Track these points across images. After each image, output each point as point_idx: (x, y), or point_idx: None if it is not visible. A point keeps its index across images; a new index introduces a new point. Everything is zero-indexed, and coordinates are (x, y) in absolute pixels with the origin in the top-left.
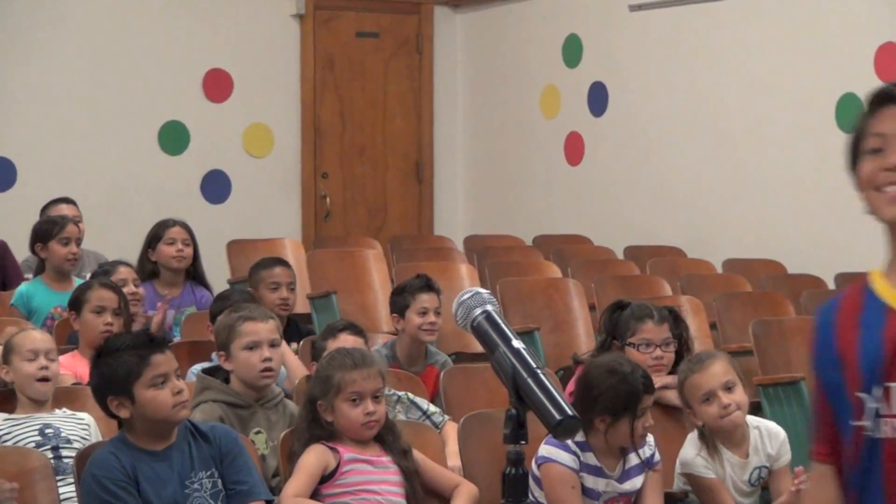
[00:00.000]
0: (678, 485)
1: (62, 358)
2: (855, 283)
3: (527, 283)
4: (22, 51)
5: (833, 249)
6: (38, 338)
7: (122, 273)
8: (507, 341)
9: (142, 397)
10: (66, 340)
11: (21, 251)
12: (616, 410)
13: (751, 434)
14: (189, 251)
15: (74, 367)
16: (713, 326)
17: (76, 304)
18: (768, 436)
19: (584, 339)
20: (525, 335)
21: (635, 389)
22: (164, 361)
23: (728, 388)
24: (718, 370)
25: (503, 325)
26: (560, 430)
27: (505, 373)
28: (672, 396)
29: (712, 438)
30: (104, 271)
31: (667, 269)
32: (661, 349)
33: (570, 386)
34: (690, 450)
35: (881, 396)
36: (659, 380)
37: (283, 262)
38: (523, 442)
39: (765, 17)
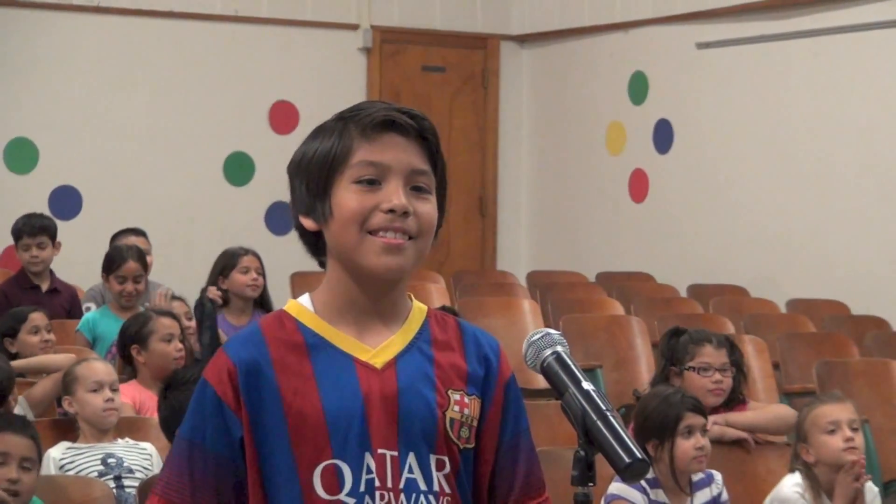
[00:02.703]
0: None
1: (121, 387)
2: (270, 317)
3: (589, 320)
4: (88, 82)
5: None
6: (102, 369)
7: (174, 308)
8: (577, 383)
9: None
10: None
11: (83, 280)
12: (661, 433)
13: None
14: (262, 280)
15: (134, 397)
16: (776, 367)
17: (139, 336)
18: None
19: (647, 376)
20: (587, 372)
21: (675, 408)
22: None
23: (853, 427)
24: (849, 407)
25: (573, 367)
26: (629, 473)
27: (574, 414)
28: (735, 431)
29: (817, 481)
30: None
31: (730, 308)
32: (719, 373)
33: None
34: (791, 487)
35: (373, 466)
36: (721, 417)
37: None
38: (591, 484)
39: (832, 56)
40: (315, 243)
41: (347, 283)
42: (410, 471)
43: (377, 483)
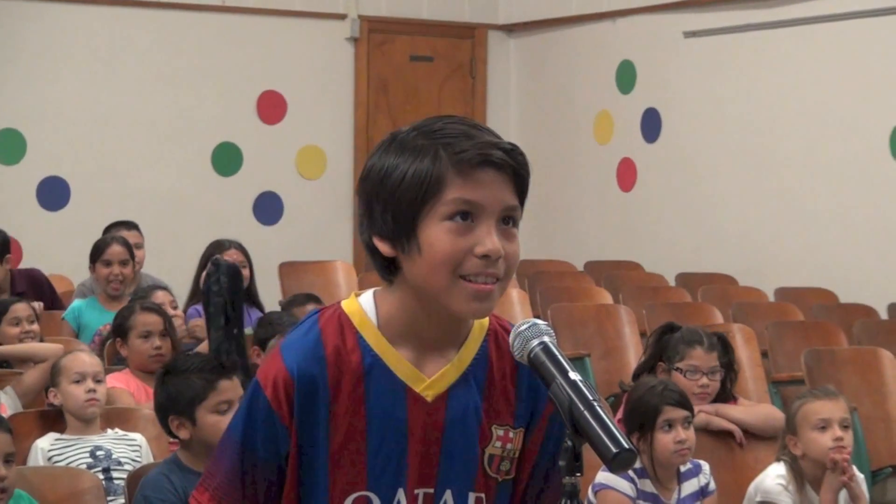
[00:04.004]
0: None
1: (115, 375)
2: (332, 319)
3: (578, 309)
4: (75, 72)
5: (885, 279)
6: (86, 360)
7: (160, 297)
8: (564, 373)
9: (204, 421)
10: (116, 360)
11: (71, 271)
12: (641, 425)
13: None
14: (245, 273)
15: (128, 385)
16: (764, 355)
17: (121, 330)
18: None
19: (635, 365)
20: (575, 361)
21: (655, 400)
22: (230, 388)
23: (844, 426)
24: (841, 405)
25: (560, 357)
26: (616, 463)
27: (561, 405)
28: (723, 421)
29: (802, 474)
30: (140, 297)
31: (718, 296)
32: (707, 377)
33: (620, 413)
34: (774, 479)
35: (404, 502)
36: (712, 407)
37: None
38: (579, 474)
39: (819, 45)
40: (387, 264)
41: (419, 311)
42: None
43: None
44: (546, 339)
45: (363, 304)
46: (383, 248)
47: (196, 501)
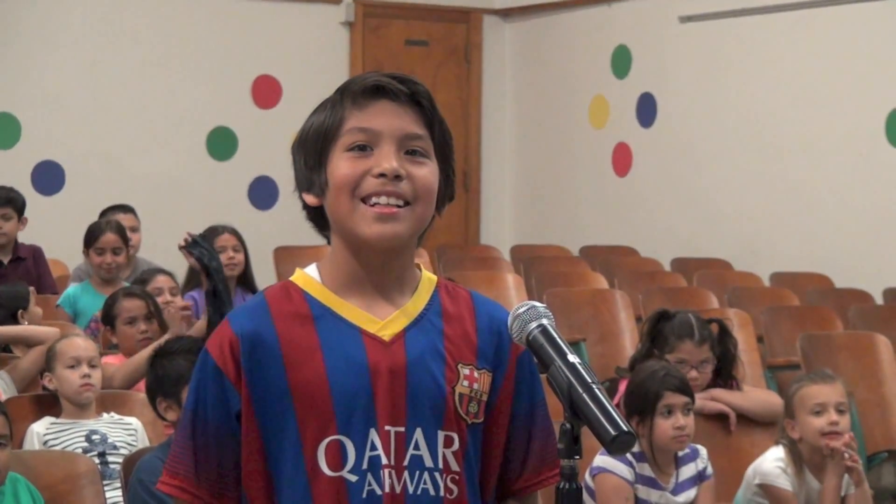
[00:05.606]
0: (744, 496)
1: (110, 357)
2: (276, 288)
3: (573, 294)
4: (71, 56)
5: (881, 264)
6: (80, 345)
7: (160, 282)
8: (563, 356)
9: None
10: (111, 347)
11: (66, 255)
12: (642, 410)
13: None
14: (240, 257)
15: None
16: (760, 340)
17: (108, 319)
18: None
19: (630, 350)
20: (571, 346)
21: (656, 386)
22: None
23: (840, 410)
24: (838, 389)
25: (559, 340)
26: (615, 446)
27: (560, 387)
28: (716, 404)
29: (801, 457)
30: (142, 280)
31: (714, 281)
32: (696, 370)
33: (616, 398)
34: (773, 462)
35: (378, 443)
36: (707, 392)
37: None
38: (577, 457)
39: (816, 30)
40: (319, 219)
41: (349, 256)
42: (416, 447)
43: (383, 460)
44: (545, 321)
45: (307, 271)
46: (309, 199)
47: (160, 481)
